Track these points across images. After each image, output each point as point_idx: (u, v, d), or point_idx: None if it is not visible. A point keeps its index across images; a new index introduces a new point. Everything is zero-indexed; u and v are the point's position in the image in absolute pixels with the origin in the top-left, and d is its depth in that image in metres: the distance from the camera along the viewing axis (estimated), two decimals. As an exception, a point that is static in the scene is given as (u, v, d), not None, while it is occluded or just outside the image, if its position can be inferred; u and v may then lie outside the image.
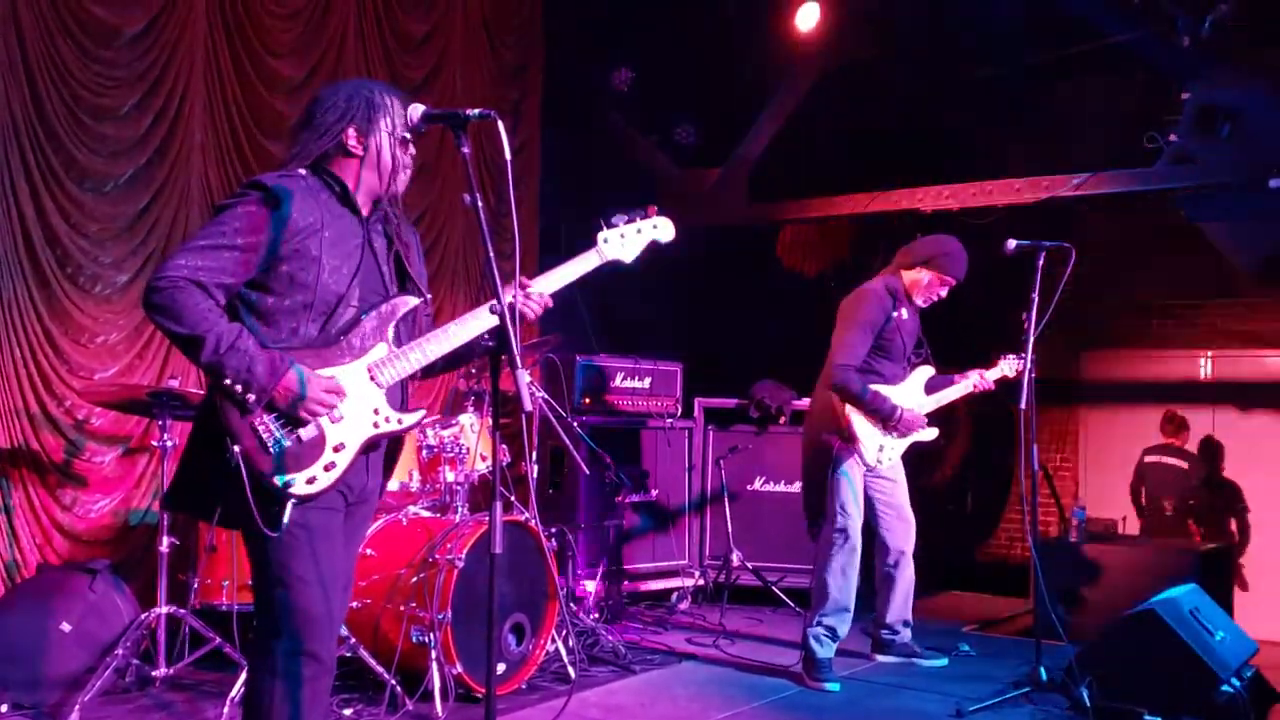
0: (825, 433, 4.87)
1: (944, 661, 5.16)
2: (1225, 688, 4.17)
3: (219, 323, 2.49)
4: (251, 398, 2.47)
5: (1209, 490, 7.53)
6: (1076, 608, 5.60)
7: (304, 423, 2.55)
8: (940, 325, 5.36)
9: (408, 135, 2.73)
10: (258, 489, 2.48)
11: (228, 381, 2.46)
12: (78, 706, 3.86)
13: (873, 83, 7.49)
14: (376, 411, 2.67)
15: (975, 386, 5.07)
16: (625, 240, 2.99)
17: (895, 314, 4.90)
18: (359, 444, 2.64)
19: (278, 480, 2.50)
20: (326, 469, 2.57)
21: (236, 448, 2.47)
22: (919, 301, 5.01)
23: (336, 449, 2.59)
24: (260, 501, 2.48)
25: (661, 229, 3.06)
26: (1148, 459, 7.59)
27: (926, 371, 5.08)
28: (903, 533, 5.06)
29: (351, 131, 2.69)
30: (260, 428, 2.51)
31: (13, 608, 4.27)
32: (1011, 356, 5.05)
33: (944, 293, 5.01)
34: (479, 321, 2.75)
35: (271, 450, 2.51)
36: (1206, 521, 7.42)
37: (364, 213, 2.74)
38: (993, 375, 5.10)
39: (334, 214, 2.67)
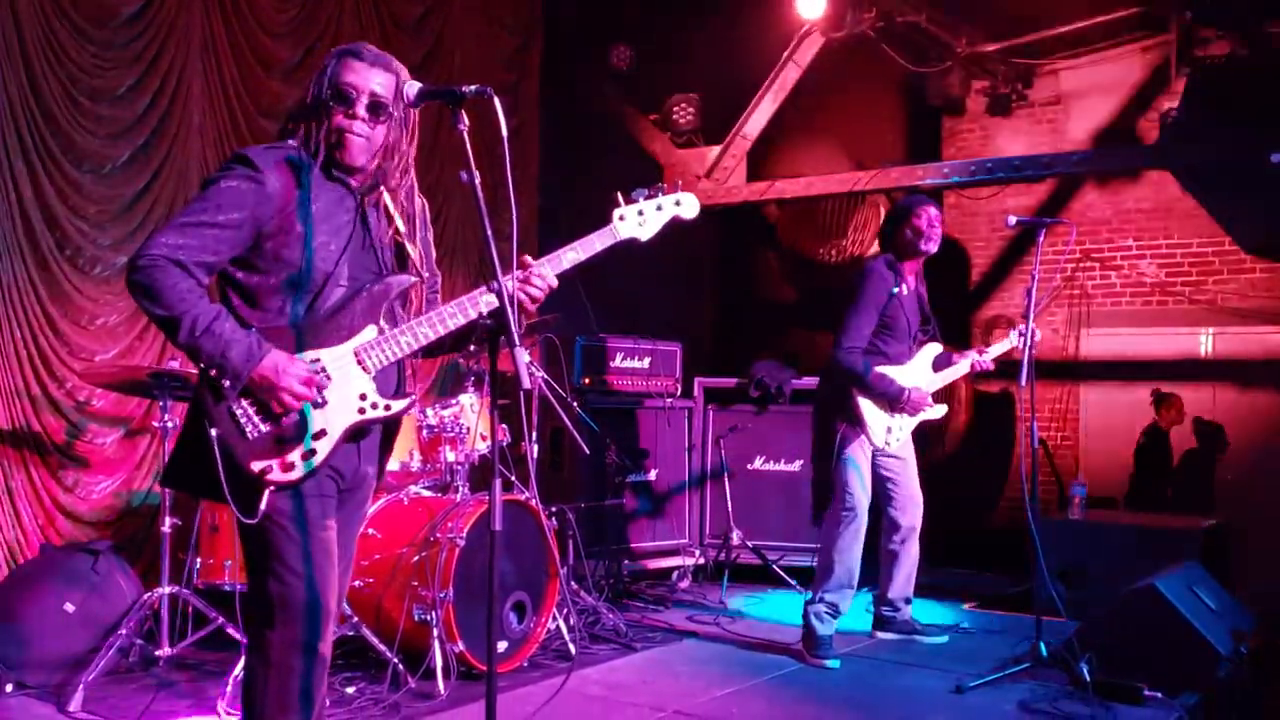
0: (833, 415, 4.88)
1: (944, 638, 5.17)
2: (1225, 663, 4.19)
3: (197, 304, 2.40)
4: (226, 383, 2.39)
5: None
6: (1076, 584, 5.62)
7: (278, 411, 2.44)
8: (942, 301, 5.35)
9: (333, 94, 2.53)
10: (233, 475, 2.40)
11: (202, 365, 2.40)
12: (81, 686, 3.88)
13: (872, 60, 7.47)
14: (363, 397, 2.54)
15: (974, 365, 5.06)
16: (644, 218, 2.78)
17: (897, 290, 4.89)
18: (342, 431, 2.51)
19: (254, 467, 2.42)
20: (305, 457, 2.46)
21: (214, 432, 2.39)
22: (930, 248, 4.93)
23: (317, 436, 2.48)
24: (236, 488, 2.40)
25: (685, 205, 2.84)
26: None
27: (934, 349, 5.07)
28: (911, 511, 5.06)
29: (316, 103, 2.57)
30: (238, 412, 2.42)
31: (16, 588, 4.28)
32: (1022, 326, 5.01)
33: (938, 225, 4.93)
34: (476, 303, 2.60)
35: (249, 436, 2.42)
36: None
37: (355, 185, 2.61)
38: (993, 352, 5.08)
39: (322, 187, 2.56)
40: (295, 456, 2.46)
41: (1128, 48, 7.34)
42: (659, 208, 2.81)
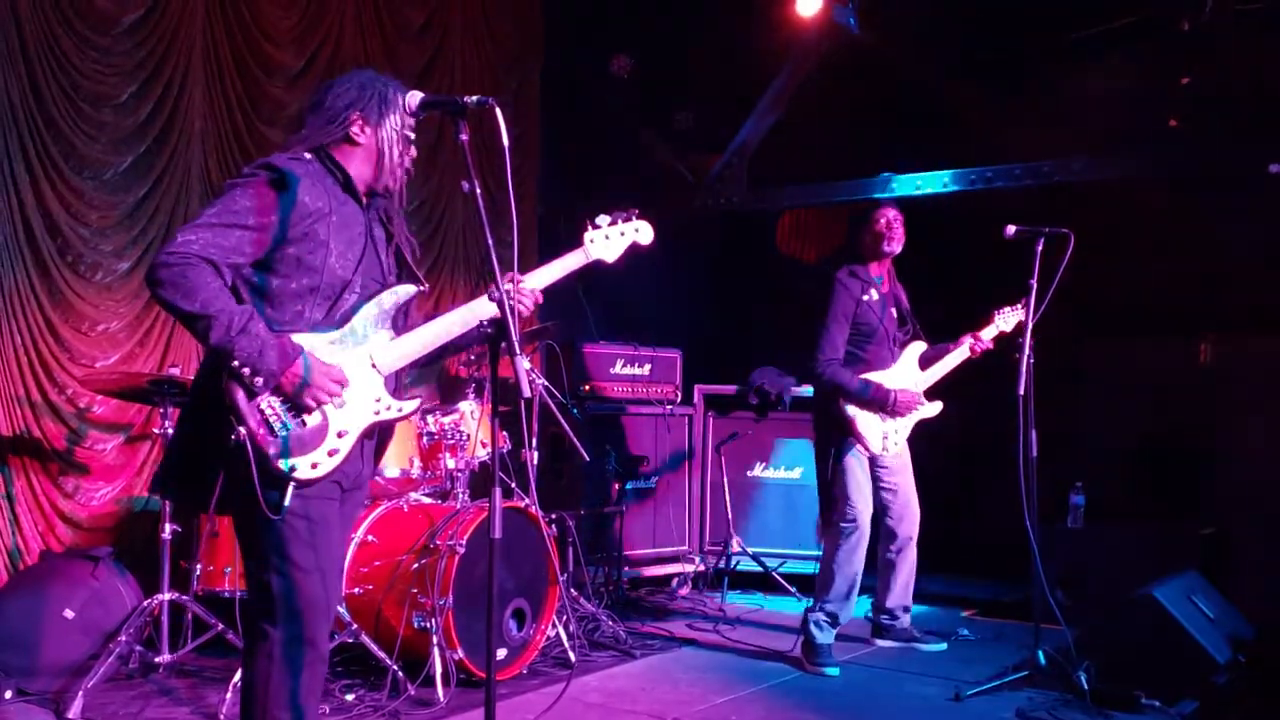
0: (827, 429, 4.90)
1: (943, 646, 5.18)
2: (1223, 671, 4.19)
3: (230, 303, 2.48)
4: (259, 381, 2.48)
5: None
6: (1075, 593, 5.62)
7: (309, 410, 2.57)
8: (940, 308, 5.36)
9: (411, 135, 2.76)
10: (263, 472, 2.48)
11: (236, 364, 2.46)
12: (81, 693, 3.88)
13: (873, 67, 7.48)
14: (378, 400, 2.70)
15: (972, 349, 5.07)
16: (609, 241, 3.09)
17: (864, 297, 4.92)
18: (360, 430, 2.67)
19: (282, 464, 2.52)
20: (330, 454, 2.59)
21: (242, 429, 2.47)
22: (893, 248, 4.99)
23: (340, 435, 2.62)
24: (263, 485, 2.48)
25: (642, 232, 3.17)
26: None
27: (919, 347, 5.09)
28: (908, 520, 5.08)
29: (358, 120, 2.71)
30: (268, 410, 2.52)
31: (16, 595, 4.29)
32: (1006, 310, 5.05)
33: (897, 226, 4.99)
34: (477, 311, 2.79)
35: (278, 434, 2.52)
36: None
37: (365, 199, 2.77)
38: (988, 334, 5.09)
39: (339, 200, 2.69)
40: (321, 454, 2.58)
41: (1128, 56, 7.35)
42: (621, 233, 3.14)
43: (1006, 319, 5.09)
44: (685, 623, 5.69)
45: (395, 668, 4.15)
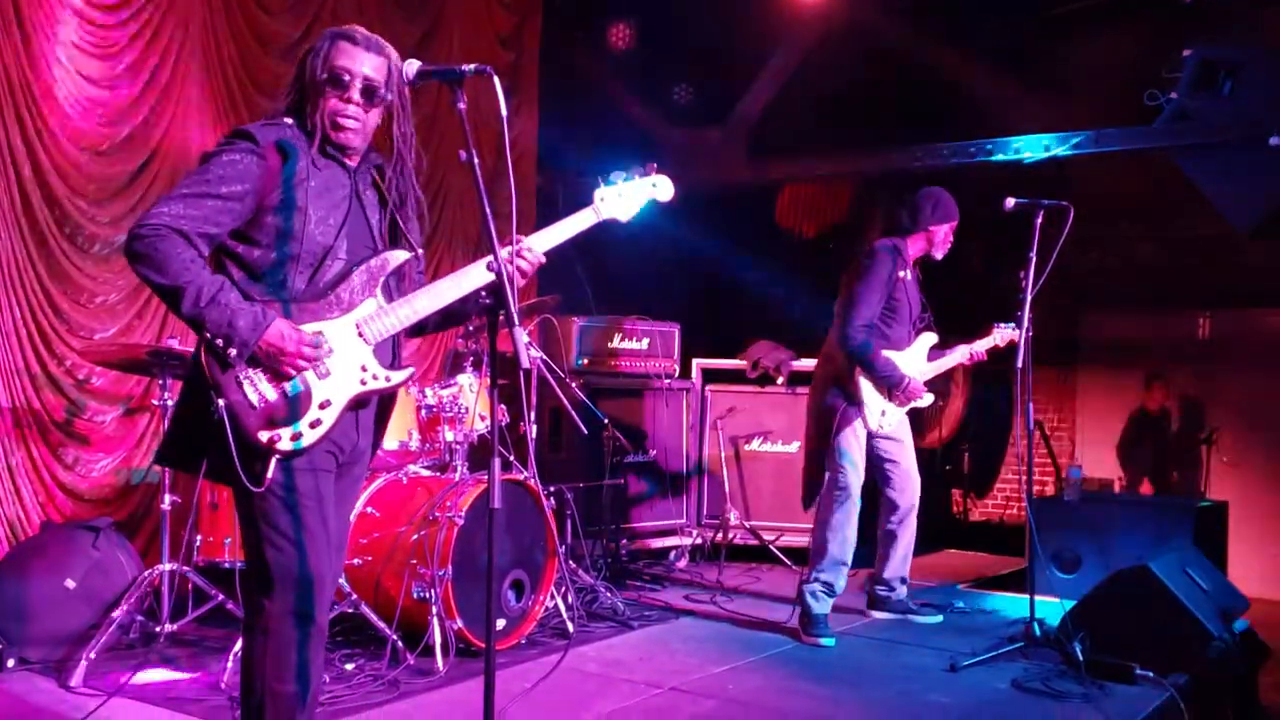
0: (830, 395, 4.90)
1: (939, 618, 5.21)
2: (1217, 643, 4.22)
3: (200, 274, 2.43)
4: (233, 352, 2.43)
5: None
6: (1071, 565, 5.65)
7: (288, 378, 2.51)
8: (940, 286, 5.36)
9: (328, 78, 2.60)
10: (242, 444, 2.45)
11: (208, 335, 2.43)
12: (83, 662, 3.90)
13: (873, 40, 7.44)
14: (364, 369, 2.63)
15: (970, 356, 5.10)
16: (623, 198, 2.93)
17: (901, 275, 4.93)
18: (345, 401, 2.60)
19: (262, 436, 2.47)
20: (312, 425, 2.53)
21: (221, 401, 2.43)
22: (939, 255, 5.04)
23: (322, 405, 2.55)
24: (244, 457, 2.45)
25: (661, 187, 3.00)
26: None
27: (930, 338, 5.10)
28: (909, 491, 5.09)
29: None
30: (245, 382, 2.47)
31: (17, 565, 4.30)
32: (1004, 326, 5.07)
33: (951, 239, 5.07)
34: (470, 278, 2.70)
35: (256, 405, 2.47)
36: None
37: (351, 163, 2.69)
38: (982, 345, 5.12)
39: (319, 164, 2.62)
40: (303, 425, 2.53)
41: (1129, 29, 7.32)
42: (637, 188, 2.96)
43: (1003, 333, 5.10)
44: (683, 594, 5.72)
45: (394, 637, 4.18)
